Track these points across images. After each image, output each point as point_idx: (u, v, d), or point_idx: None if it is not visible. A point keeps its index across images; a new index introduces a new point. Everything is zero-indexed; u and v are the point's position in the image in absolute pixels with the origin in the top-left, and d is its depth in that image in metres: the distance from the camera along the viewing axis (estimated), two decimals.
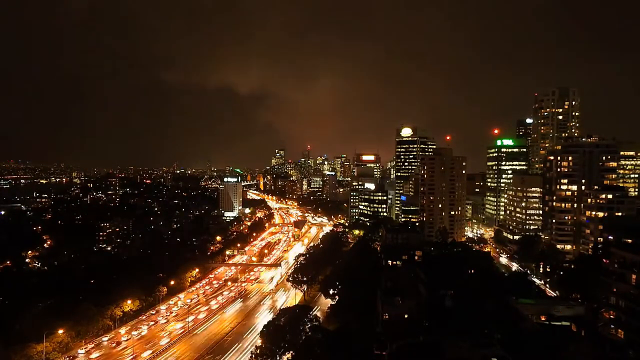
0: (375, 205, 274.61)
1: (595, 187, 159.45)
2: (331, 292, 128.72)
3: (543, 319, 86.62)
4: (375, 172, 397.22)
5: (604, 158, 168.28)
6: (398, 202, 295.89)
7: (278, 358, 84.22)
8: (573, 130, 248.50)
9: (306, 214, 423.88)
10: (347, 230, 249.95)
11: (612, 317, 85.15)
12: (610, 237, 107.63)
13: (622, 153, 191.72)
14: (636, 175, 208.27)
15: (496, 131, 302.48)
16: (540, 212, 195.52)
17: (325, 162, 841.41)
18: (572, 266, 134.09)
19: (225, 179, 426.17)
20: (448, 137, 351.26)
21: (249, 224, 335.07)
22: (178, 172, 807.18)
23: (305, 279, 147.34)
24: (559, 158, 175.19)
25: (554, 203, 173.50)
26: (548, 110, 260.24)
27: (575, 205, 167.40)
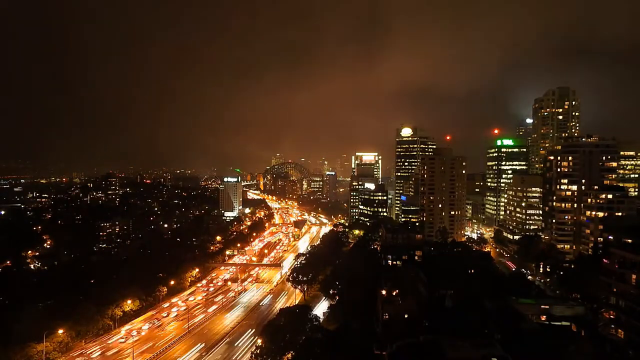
0: (375, 205, 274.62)
1: (595, 187, 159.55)
2: (331, 292, 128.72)
3: (543, 319, 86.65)
4: (375, 172, 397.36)
5: (604, 158, 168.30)
6: (398, 202, 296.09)
7: (278, 358, 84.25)
8: (573, 131, 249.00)
9: (306, 214, 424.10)
10: (347, 230, 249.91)
11: (612, 317, 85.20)
12: (610, 237, 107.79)
13: (622, 153, 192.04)
14: (636, 175, 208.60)
15: (496, 131, 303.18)
16: (540, 212, 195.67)
17: (325, 162, 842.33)
18: (572, 266, 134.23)
19: (225, 179, 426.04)
20: (448, 137, 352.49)
21: (249, 223, 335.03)
22: (178, 171, 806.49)
23: (305, 279, 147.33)
24: (559, 158, 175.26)
25: (554, 203, 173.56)
26: (548, 110, 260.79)
27: (575, 205, 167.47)
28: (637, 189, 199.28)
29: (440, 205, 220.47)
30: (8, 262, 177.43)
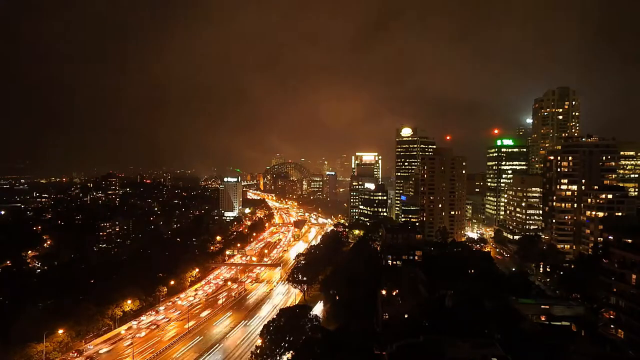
0: (375, 205, 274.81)
1: (595, 187, 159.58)
2: (331, 292, 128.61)
3: (543, 319, 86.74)
4: (375, 172, 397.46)
5: (604, 158, 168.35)
6: (398, 202, 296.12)
7: (278, 358, 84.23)
8: (573, 131, 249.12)
9: (306, 214, 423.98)
10: (347, 230, 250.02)
11: (612, 317, 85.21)
12: (610, 237, 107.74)
13: (622, 153, 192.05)
14: (636, 175, 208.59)
15: (496, 131, 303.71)
16: (540, 212, 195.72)
17: (325, 162, 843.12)
18: (572, 266, 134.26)
19: (225, 179, 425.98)
20: (448, 137, 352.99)
21: (249, 223, 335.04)
22: (178, 171, 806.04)
23: (305, 278, 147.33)
24: (559, 158, 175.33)
25: (554, 203, 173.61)
26: (548, 110, 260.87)
27: (575, 205, 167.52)
28: (637, 189, 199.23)
29: (440, 205, 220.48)
30: (8, 262, 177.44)
